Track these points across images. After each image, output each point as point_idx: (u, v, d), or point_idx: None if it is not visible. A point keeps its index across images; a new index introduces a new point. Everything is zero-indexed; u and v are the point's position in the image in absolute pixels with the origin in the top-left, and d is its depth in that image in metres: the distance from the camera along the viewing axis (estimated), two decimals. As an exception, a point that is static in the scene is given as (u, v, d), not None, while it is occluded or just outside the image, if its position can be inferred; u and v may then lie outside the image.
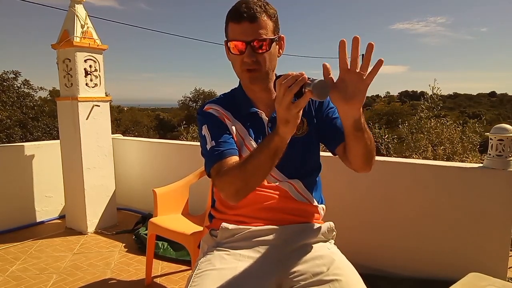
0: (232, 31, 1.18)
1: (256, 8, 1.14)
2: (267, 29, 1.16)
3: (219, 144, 1.19)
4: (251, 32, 1.14)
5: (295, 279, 1.12)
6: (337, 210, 1.72)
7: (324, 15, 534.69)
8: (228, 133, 1.23)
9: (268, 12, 1.17)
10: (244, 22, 1.14)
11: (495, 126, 2.18)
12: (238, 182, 1.08)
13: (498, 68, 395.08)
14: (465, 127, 6.16)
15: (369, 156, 1.15)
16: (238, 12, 1.14)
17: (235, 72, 1.26)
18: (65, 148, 3.42)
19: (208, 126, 1.24)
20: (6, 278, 2.52)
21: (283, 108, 0.95)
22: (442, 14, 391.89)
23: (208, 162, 1.21)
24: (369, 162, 1.17)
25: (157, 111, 41.09)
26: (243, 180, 1.07)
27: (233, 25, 1.16)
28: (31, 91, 17.85)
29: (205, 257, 1.19)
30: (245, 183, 1.08)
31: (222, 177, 1.12)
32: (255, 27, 1.14)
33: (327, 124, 1.27)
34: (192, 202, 2.58)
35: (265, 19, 1.16)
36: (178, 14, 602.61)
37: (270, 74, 1.23)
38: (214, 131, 1.22)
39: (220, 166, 1.14)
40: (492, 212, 2.12)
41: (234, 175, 1.09)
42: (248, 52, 1.15)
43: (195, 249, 1.91)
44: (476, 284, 1.35)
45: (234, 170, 1.09)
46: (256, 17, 1.14)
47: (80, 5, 3.27)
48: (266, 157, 1.03)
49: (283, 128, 0.99)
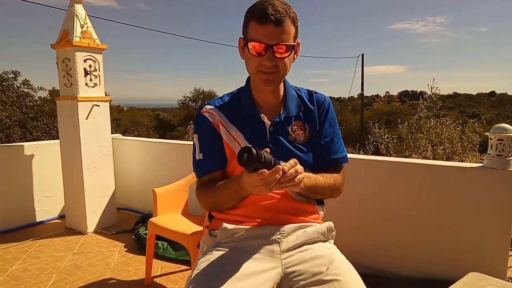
0: (253, 31, 1.15)
1: (282, 12, 1.12)
2: (289, 34, 1.15)
3: (206, 158, 1.28)
4: (274, 36, 1.12)
5: (295, 279, 1.12)
6: (337, 210, 1.72)
7: (323, 15, 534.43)
8: (217, 146, 1.27)
9: (292, 17, 1.15)
10: (269, 25, 1.11)
11: (495, 125, 2.18)
12: (210, 204, 1.28)
13: (498, 68, 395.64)
14: (464, 127, 6.16)
15: (325, 198, 1.34)
16: (263, 13, 1.11)
17: (248, 71, 1.24)
18: (65, 148, 3.41)
19: (199, 137, 1.30)
20: (6, 278, 2.52)
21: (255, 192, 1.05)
22: (441, 14, 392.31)
23: (195, 172, 1.32)
24: (330, 198, 1.34)
25: (157, 111, 41.12)
26: (214, 204, 1.27)
27: (256, 25, 1.14)
28: (31, 91, 17.87)
29: (205, 257, 1.19)
30: (216, 206, 1.27)
31: (199, 195, 1.28)
32: (279, 31, 1.12)
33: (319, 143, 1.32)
34: (192, 202, 2.58)
35: (289, 24, 1.14)
36: (177, 13, 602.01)
37: (284, 79, 1.25)
38: (204, 143, 1.29)
39: (202, 181, 1.29)
40: (492, 211, 2.12)
41: (208, 197, 1.25)
42: (268, 56, 1.14)
43: (194, 249, 1.91)
44: (475, 283, 1.35)
45: (208, 192, 1.24)
46: (282, 21, 1.12)
47: (79, 4, 3.26)
48: (232, 198, 1.20)
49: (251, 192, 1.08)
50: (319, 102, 1.33)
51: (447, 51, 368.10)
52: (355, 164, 2.52)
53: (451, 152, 5.71)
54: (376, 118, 23.28)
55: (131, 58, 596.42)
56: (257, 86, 1.28)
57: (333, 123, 1.34)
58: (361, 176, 2.51)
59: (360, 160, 2.59)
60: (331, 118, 1.33)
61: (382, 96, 73.31)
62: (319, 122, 1.31)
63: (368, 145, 7.54)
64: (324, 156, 1.30)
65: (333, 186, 1.27)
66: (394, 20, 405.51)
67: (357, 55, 28.16)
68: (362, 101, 24.08)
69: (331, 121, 1.33)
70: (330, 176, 1.27)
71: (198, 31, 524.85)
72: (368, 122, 10.59)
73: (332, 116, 1.34)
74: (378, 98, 68.61)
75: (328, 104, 1.34)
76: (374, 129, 7.22)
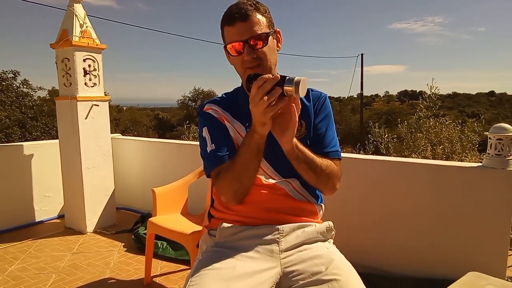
0: (227, 34, 1.20)
1: (246, 7, 1.16)
2: (261, 25, 1.17)
3: (219, 147, 1.23)
4: (245, 31, 1.16)
5: (294, 278, 1.12)
6: (336, 210, 1.72)
7: (323, 14, 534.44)
8: (227, 136, 1.25)
9: (259, 9, 1.19)
10: (237, 23, 1.16)
11: (494, 125, 2.18)
12: (233, 183, 1.17)
13: (497, 68, 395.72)
14: (464, 127, 6.16)
15: (317, 183, 1.22)
16: (230, 15, 1.17)
17: (239, 74, 1.27)
18: (64, 148, 3.41)
19: (209, 129, 1.27)
20: (5, 277, 2.52)
21: (259, 111, 0.99)
22: (439, 14, 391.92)
23: (208, 165, 1.25)
24: (322, 188, 1.25)
25: (156, 111, 41.10)
26: (237, 180, 1.16)
27: (228, 28, 1.19)
28: (30, 91, 17.82)
29: (204, 256, 1.19)
30: (240, 183, 1.17)
31: (220, 181, 1.20)
32: (249, 25, 1.16)
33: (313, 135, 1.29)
34: (191, 201, 2.58)
35: (257, 16, 1.17)
36: (176, 13, 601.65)
37: (273, 69, 1.23)
38: (214, 134, 1.25)
39: (219, 170, 1.21)
40: (491, 211, 2.12)
41: (228, 178, 1.17)
42: (247, 51, 1.16)
43: (194, 249, 1.91)
44: (475, 283, 1.35)
45: (228, 174, 1.17)
46: (248, 15, 1.16)
47: (79, 4, 3.26)
48: (250, 154, 1.12)
49: (260, 128, 1.04)
50: (315, 98, 1.32)
51: (446, 50, 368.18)
52: (355, 164, 2.53)
53: (450, 152, 5.72)
54: (375, 118, 23.29)
55: (130, 57, 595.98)
56: None
57: (327, 117, 1.31)
58: (361, 175, 2.51)
59: (360, 160, 2.59)
60: (325, 112, 1.31)
61: (382, 96, 73.34)
62: (314, 116, 1.30)
63: (368, 144, 7.55)
64: (314, 148, 1.23)
65: (328, 168, 1.20)
66: (392, 20, 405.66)
67: (357, 55, 28.16)
68: (361, 100, 24.09)
69: (325, 115, 1.31)
70: (323, 159, 1.22)
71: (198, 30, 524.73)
72: (368, 122, 10.60)
73: (326, 110, 1.32)
74: (377, 98, 68.59)
75: (324, 99, 1.33)
76: (374, 128, 7.23)
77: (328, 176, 1.21)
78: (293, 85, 0.96)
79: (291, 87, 0.96)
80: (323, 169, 1.19)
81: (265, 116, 1.00)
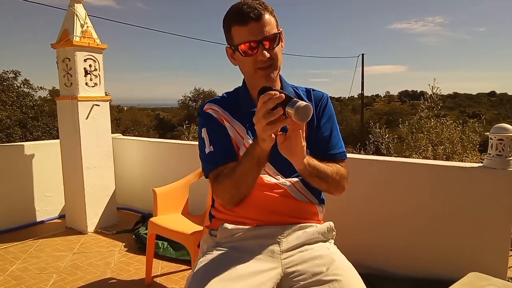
0: (238, 34, 1.18)
1: (258, 7, 1.16)
2: (272, 25, 1.18)
3: (217, 149, 1.24)
4: (259, 31, 1.16)
5: (295, 279, 1.12)
6: (337, 210, 1.72)
7: (322, 14, 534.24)
8: (226, 137, 1.25)
9: (268, 9, 1.19)
10: (251, 23, 1.15)
11: (495, 125, 2.17)
12: (231, 189, 1.17)
13: (498, 68, 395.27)
14: (465, 127, 6.16)
15: (327, 189, 1.26)
16: (242, 14, 1.15)
17: (245, 74, 1.27)
18: (65, 148, 3.41)
19: (207, 130, 1.27)
20: (6, 277, 2.52)
21: (259, 127, 0.99)
22: (439, 14, 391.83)
23: (206, 167, 1.27)
24: (332, 192, 1.27)
25: (157, 111, 41.11)
26: (234, 187, 1.16)
27: (239, 28, 1.17)
28: (31, 91, 17.84)
29: (205, 256, 1.19)
30: (237, 189, 1.17)
31: (218, 185, 1.20)
32: (262, 25, 1.16)
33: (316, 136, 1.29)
34: (192, 201, 2.58)
35: (268, 16, 1.18)
36: (176, 13, 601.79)
37: (281, 68, 1.26)
38: (213, 135, 1.26)
39: (218, 173, 1.22)
40: (492, 211, 2.12)
41: (227, 183, 1.17)
42: (261, 50, 1.17)
43: (195, 249, 1.91)
44: (476, 283, 1.35)
45: (227, 179, 1.17)
46: (261, 15, 1.16)
47: (79, 4, 3.26)
48: (251, 164, 1.10)
49: (261, 143, 1.03)
50: (317, 99, 1.33)
51: (446, 51, 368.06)
52: (355, 164, 2.52)
53: (451, 152, 5.72)
54: (376, 118, 23.28)
55: (130, 57, 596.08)
56: (256, 85, 1.28)
57: (331, 118, 1.33)
58: (361, 176, 2.50)
59: (361, 160, 2.59)
60: (328, 114, 1.33)
61: (382, 96, 73.30)
62: (317, 118, 1.30)
63: (369, 145, 7.55)
64: (321, 151, 1.26)
65: (338, 174, 1.23)
66: (393, 20, 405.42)
67: (357, 55, 28.14)
68: (362, 101, 24.09)
69: (329, 117, 1.32)
70: (332, 165, 1.24)
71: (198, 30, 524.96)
72: (369, 122, 10.60)
73: (330, 111, 1.33)
74: (378, 98, 68.59)
75: (326, 100, 1.34)
76: (375, 129, 7.23)
77: (338, 182, 1.25)
78: (294, 109, 0.94)
79: (292, 110, 0.94)
80: (334, 177, 1.22)
81: (264, 133, 0.98)
